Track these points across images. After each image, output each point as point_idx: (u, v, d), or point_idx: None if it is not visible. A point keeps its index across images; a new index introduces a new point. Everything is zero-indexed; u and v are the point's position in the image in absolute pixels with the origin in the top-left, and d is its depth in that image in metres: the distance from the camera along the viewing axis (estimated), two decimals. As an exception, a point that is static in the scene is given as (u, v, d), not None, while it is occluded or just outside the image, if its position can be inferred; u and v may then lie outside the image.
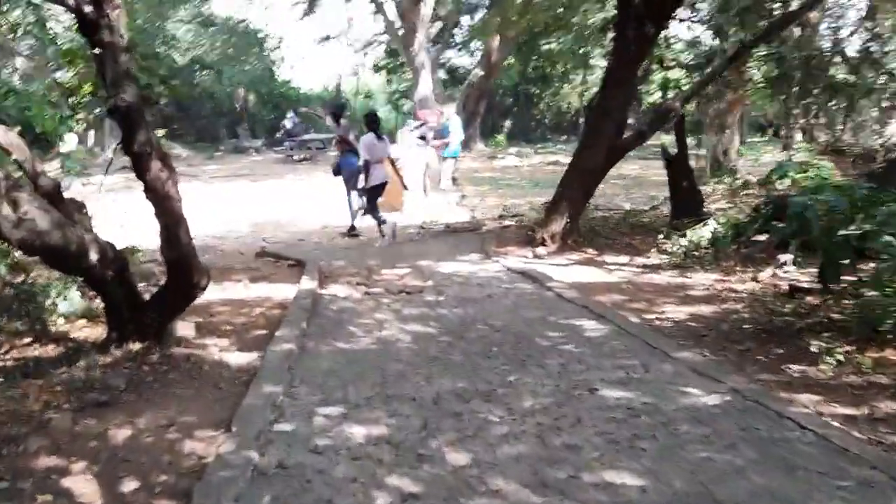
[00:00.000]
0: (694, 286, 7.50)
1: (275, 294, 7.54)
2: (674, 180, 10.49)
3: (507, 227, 11.90)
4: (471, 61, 32.29)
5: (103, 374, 4.86)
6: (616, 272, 8.34)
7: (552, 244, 9.54)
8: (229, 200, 16.97)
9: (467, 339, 5.66)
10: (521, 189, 18.20)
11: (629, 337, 5.55)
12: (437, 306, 6.87)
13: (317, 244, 11.92)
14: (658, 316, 6.42)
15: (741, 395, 4.19)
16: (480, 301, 7.02)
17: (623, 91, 9.32)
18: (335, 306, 6.89)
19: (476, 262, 9.26)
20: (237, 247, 12.15)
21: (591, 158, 9.43)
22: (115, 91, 4.46)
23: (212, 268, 9.48)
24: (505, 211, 13.50)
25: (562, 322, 6.07)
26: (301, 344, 5.52)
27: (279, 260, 9.66)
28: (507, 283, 7.79)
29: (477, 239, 10.99)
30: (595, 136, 9.45)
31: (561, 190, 9.76)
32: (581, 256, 9.25)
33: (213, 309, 7.00)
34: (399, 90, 32.70)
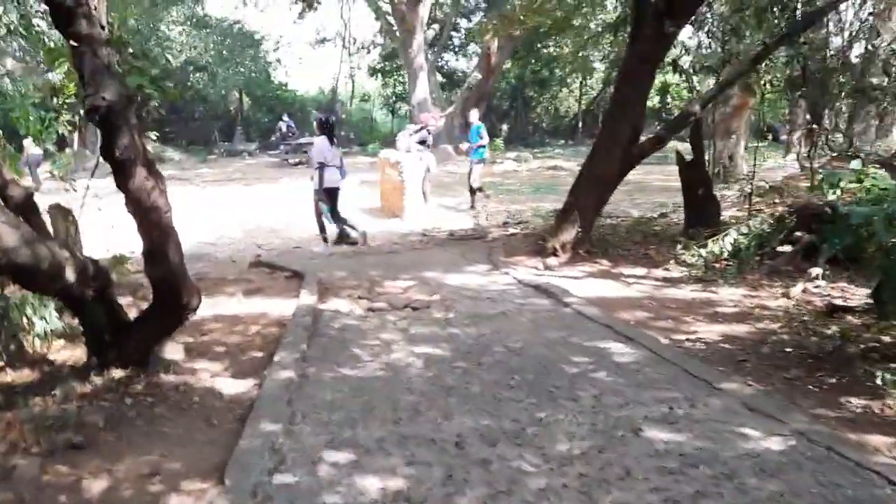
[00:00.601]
0: (721, 302, 6.96)
1: (271, 310, 6.97)
2: (689, 187, 9.97)
3: (513, 235, 11.35)
4: (468, 65, 31.81)
5: (80, 407, 4.29)
6: (635, 286, 7.80)
7: (563, 254, 9.00)
8: (222, 205, 16.40)
9: (485, 365, 5.10)
10: (522, 194, 17.66)
11: (664, 363, 5.00)
12: (447, 325, 6.31)
13: (314, 253, 11.36)
14: (688, 336, 5.88)
15: (807, 439, 3.64)
16: (494, 319, 6.46)
17: (639, 93, 8.79)
18: (337, 324, 6.32)
19: (484, 273, 8.70)
20: (230, 254, 11.59)
21: (605, 164, 8.89)
22: (94, 89, 3.89)
23: (204, 279, 8.98)
24: (509, 218, 12.97)
25: (587, 344, 5.52)
26: (301, 370, 4.95)
27: (275, 271, 9.08)
28: (521, 298, 7.23)
29: (483, 248, 10.44)
30: (609, 140, 8.91)
31: (572, 197, 9.22)
32: (595, 268, 8.71)
33: (204, 326, 6.43)
34: (396, 94, 32.14)
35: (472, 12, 30.73)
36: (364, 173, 21.66)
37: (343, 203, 12.49)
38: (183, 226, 11.02)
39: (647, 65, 8.66)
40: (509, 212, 13.77)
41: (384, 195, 15.11)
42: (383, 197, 15.16)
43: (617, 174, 9.04)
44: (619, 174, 9.09)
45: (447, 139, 24.57)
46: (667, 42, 8.68)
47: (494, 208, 14.82)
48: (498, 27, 20.67)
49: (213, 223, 14.18)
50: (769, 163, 21.77)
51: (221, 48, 26.62)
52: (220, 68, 26.71)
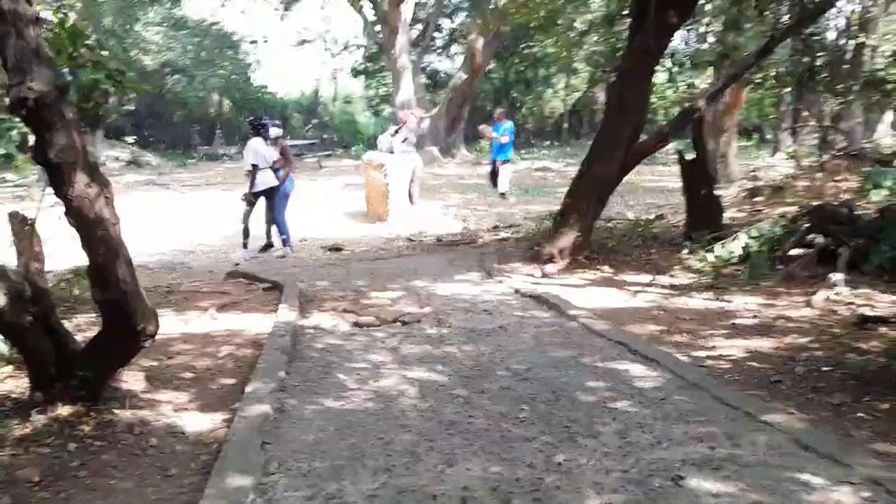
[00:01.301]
0: (738, 312, 6.34)
1: (247, 327, 6.28)
2: (691, 187, 9.37)
3: (504, 241, 10.71)
4: (452, 66, 31.20)
5: (14, 456, 3.60)
6: (641, 295, 7.17)
7: (561, 261, 8.37)
8: (201, 211, 15.66)
9: (488, 393, 4.44)
10: (511, 196, 17.03)
11: (692, 388, 4.36)
12: (441, 342, 5.65)
13: (297, 259, 10.67)
14: (709, 354, 5.25)
15: (885, 491, 3.01)
16: (493, 335, 5.81)
17: (641, 88, 8.17)
18: (320, 344, 5.64)
19: (478, 282, 8.05)
20: (207, 263, 10.88)
21: (604, 164, 8.27)
22: (20, 78, 3.20)
23: (175, 291, 8.27)
24: (499, 222, 12.33)
25: (600, 366, 4.88)
26: (278, 403, 4.26)
27: (253, 282, 8.38)
28: (520, 310, 6.58)
29: (474, 254, 9.78)
30: (609, 139, 8.29)
31: (570, 200, 8.59)
32: (596, 275, 8.07)
33: (171, 348, 5.73)
34: (379, 95, 31.43)
35: (455, 12, 30.08)
36: (347, 176, 20.99)
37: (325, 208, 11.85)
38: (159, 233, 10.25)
39: (648, 58, 8.05)
40: (499, 215, 13.12)
41: (369, 199, 14.43)
42: (368, 200, 14.48)
43: (617, 175, 8.42)
44: (620, 175, 8.47)
45: (432, 141, 23.92)
46: (670, 34, 8.08)
47: (484, 211, 14.20)
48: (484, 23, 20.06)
49: (191, 230, 13.47)
50: (757, 162, 21.35)
51: (200, 50, 25.77)
52: (199, 70, 25.88)
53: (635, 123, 8.17)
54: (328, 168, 23.74)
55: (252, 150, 10.21)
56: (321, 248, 11.53)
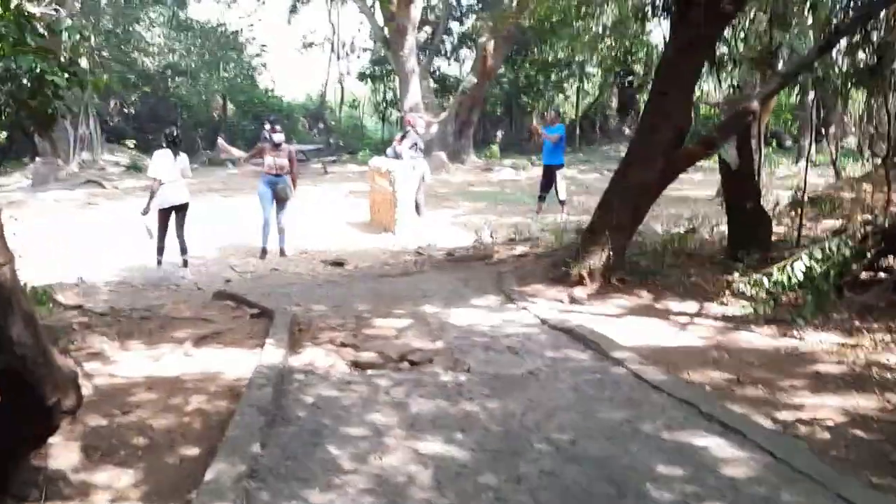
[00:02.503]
0: (816, 355, 5.18)
1: (226, 368, 5.14)
2: (734, 200, 8.22)
3: (523, 256, 9.54)
4: (461, 70, 30.06)
5: None
6: (690, 327, 6.02)
7: (592, 284, 7.23)
8: (197, 219, 14.43)
9: (526, 481, 3.29)
10: (524, 205, 15.87)
11: (800, 479, 3.21)
12: (459, 394, 4.50)
13: (295, 275, 9.56)
14: (798, 416, 4.10)
15: None
16: (522, 384, 4.66)
17: (684, 87, 7.01)
18: (310, 397, 4.48)
19: (496, 308, 6.91)
20: (198, 278, 9.78)
21: (642, 172, 7.11)
22: None
23: (153, 317, 7.13)
24: (515, 233, 11.17)
25: (667, 438, 3.72)
26: (244, 499, 3.12)
27: (241, 305, 7.24)
28: (551, 349, 5.42)
29: (489, 272, 8.64)
30: (648, 145, 7.14)
31: (601, 213, 7.44)
32: (633, 301, 6.92)
33: (130, 397, 4.60)
34: (387, 100, 30.29)
35: (465, 15, 28.93)
36: (353, 183, 19.87)
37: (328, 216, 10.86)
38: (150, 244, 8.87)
39: (694, 53, 6.89)
40: (514, 226, 11.97)
41: (374, 207, 13.32)
42: (373, 209, 13.36)
43: (657, 185, 7.25)
44: (660, 185, 7.30)
45: (440, 146, 22.78)
46: (721, 24, 6.94)
47: (497, 221, 13.04)
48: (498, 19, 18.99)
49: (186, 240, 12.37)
50: (781, 170, 20.15)
51: (203, 52, 24.69)
52: (202, 72, 24.78)
53: (679, 126, 7.01)
54: (333, 174, 22.61)
55: (157, 164, 9.40)
56: (322, 261, 10.43)
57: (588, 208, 14.77)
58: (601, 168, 22.31)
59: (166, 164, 9.30)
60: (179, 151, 9.47)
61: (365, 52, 31.14)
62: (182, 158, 9.50)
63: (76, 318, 6.87)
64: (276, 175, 10.69)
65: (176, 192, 9.40)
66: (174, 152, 9.39)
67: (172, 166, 9.33)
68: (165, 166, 9.29)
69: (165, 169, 9.29)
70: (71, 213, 16.29)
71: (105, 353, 5.61)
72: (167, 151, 9.35)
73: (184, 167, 9.54)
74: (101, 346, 5.78)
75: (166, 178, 9.27)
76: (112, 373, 5.14)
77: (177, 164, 9.36)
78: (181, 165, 9.46)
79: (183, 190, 9.50)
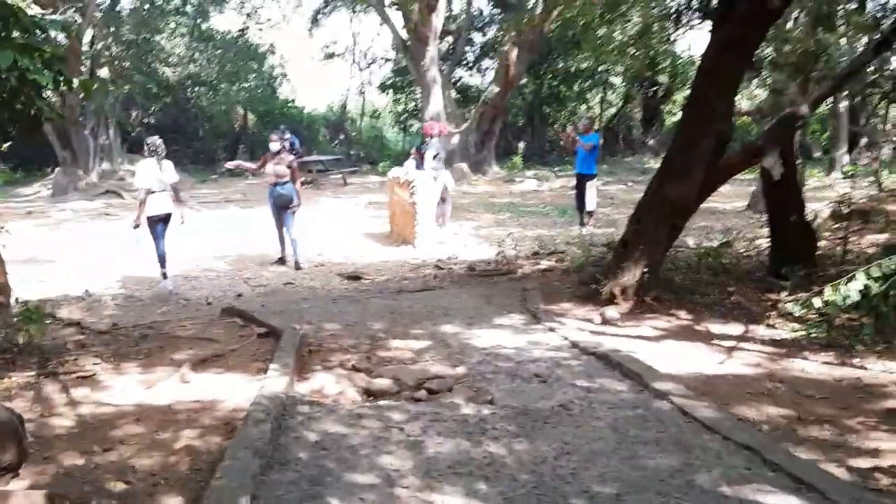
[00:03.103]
0: (884, 388, 4.56)
1: (225, 396, 4.63)
2: (776, 213, 7.59)
3: (548, 271, 8.98)
4: (483, 81, 29.57)
5: None
6: (737, 353, 5.41)
7: (625, 303, 6.65)
8: (213, 230, 14.07)
9: (564, 551, 2.73)
10: (548, 217, 15.32)
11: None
12: (482, 432, 3.94)
13: (310, 290, 9.04)
14: (877, 464, 3.49)
15: None
16: (553, 421, 4.08)
17: (727, 91, 6.43)
18: (314, 433, 3.94)
19: (522, 328, 6.34)
20: (210, 291, 9.29)
21: (680, 184, 6.52)
22: None
23: (155, 335, 6.64)
24: (540, 247, 10.59)
25: (729, 494, 3.12)
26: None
27: (249, 323, 6.73)
28: (584, 377, 4.84)
29: (514, 289, 8.08)
30: (686, 153, 6.55)
31: (634, 227, 6.85)
32: (671, 323, 6.31)
33: (115, 430, 4.10)
34: (408, 110, 29.85)
35: (487, 25, 28.47)
36: (373, 194, 19.40)
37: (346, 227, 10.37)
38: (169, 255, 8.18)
39: (738, 53, 6.30)
40: (539, 239, 11.39)
41: (394, 219, 12.79)
42: (392, 221, 12.83)
43: (696, 198, 6.66)
44: (699, 197, 6.71)
45: (462, 157, 22.26)
46: (767, 23, 6.34)
47: (520, 233, 12.46)
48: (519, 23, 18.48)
49: (200, 252, 11.95)
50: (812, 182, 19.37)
51: (224, 62, 24.38)
52: (224, 83, 24.47)
53: (720, 133, 6.41)
54: (353, 185, 22.17)
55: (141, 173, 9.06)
56: (338, 275, 9.90)
57: (614, 220, 14.19)
58: (625, 179, 21.69)
59: (152, 174, 8.95)
60: (162, 160, 9.10)
61: (386, 63, 30.81)
62: (166, 166, 9.13)
63: (73, 335, 6.42)
64: (274, 184, 10.36)
65: (164, 202, 9.05)
66: (157, 161, 9.03)
67: (159, 176, 8.98)
68: (152, 176, 8.95)
69: (152, 179, 8.94)
70: (87, 224, 15.95)
71: (97, 377, 5.13)
72: (151, 161, 8.99)
73: (169, 175, 9.16)
74: (93, 368, 5.30)
75: (155, 187, 8.91)
76: (100, 400, 4.65)
77: (162, 174, 9.03)
78: (166, 174, 9.11)
79: (168, 200, 9.13)
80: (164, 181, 9.00)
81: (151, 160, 8.97)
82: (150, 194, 8.83)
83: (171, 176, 9.08)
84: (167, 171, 9.05)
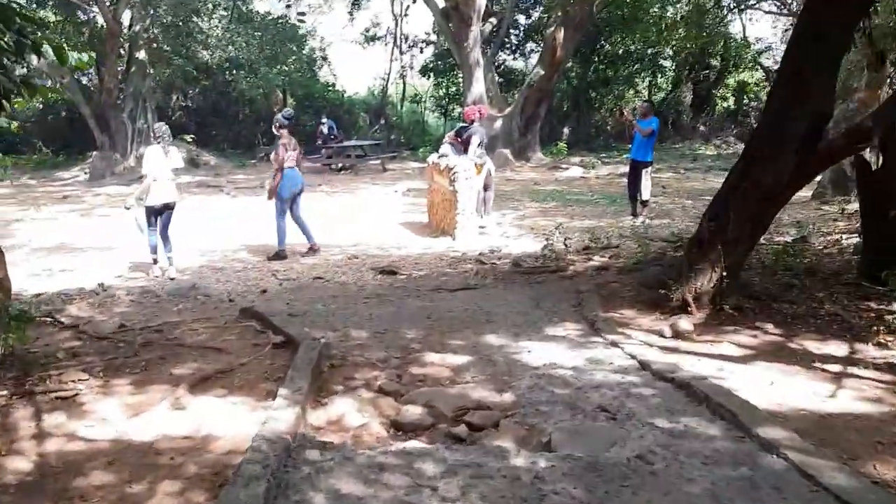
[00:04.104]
0: None
1: (222, 428, 3.76)
2: (874, 206, 6.46)
3: (603, 269, 7.94)
4: (526, 64, 28.36)
5: None
6: (849, 382, 4.33)
7: (699, 311, 5.61)
8: (247, 217, 13.31)
9: None
10: (596, 206, 14.21)
11: None
12: (539, 497, 2.98)
13: (340, 286, 8.15)
14: None
15: None
16: (631, 480, 3.09)
17: (827, 62, 5.31)
18: (321, 495, 3.01)
19: (578, 340, 5.35)
20: (235, 285, 8.49)
21: (768, 173, 5.44)
22: None
23: (155, 343, 5.72)
24: (592, 241, 9.54)
25: None
26: None
27: (266, 329, 5.86)
28: (664, 415, 3.83)
29: (565, 289, 7.08)
30: (776, 139, 5.46)
31: (710, 223, 5.79)
32: (757, 339, 5.25)
33: (81, 477, 3.27)
34: (449, 94, 28.80)
35: (532, 7, 27.22)
36: (412, 181, 18.48)
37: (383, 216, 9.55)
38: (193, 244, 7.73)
39: (840, 20, 5.18)
40: (589, 231, 10.34)
41: (432, 208, 11.85)
42: (431, 210, 11.89)
43: (786, 187, 5.56)
44: (791, 187, 5.62)
45: (505, 142, 21.18)
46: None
47: (567, 224, 11.41)
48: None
49: (232, 240, 11.25)
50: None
51: (263, 44, 23.58)
52: (263, 66, 23.70)
53: (817, 115, 5.30)
54: (392, 171, 21.27)
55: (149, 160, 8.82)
56: (372, 269, 9.01)
57: (668, 211, 13.05)
58: (677, 167, 20.41)
59: (159, 162, 8.72)
60: (169, 146, 8.91)
61: (428, 46, 29.77)
62: (173, 154, 8.96)
63: (68, 341, 5.61)
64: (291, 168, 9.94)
65: (167, 190, 8.81)
66: (164, 148, 8.81)
67: (165, 163, 8.76)
68: (159, 163, 8.71)
69: (159, 166, 8.70)
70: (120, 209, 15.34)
71: (78, 398, 4.28)
72: (157, 147, 8.82)
73: (175, 161, 8.98)
74: (76, 386, 4.45)
75: (160, 175, 8.68)
76: (74, 432, 3.80)
77: (169, 161, 8.81)
78: (172, 160, 8.91)
79: (174, 189, 8.98)
80: (169, 168, 8.75)
81: (158, 147, 8.73)
82: (155, 181, 8.60)
83: (176, 162, 8.89)
84: (173, 157, 8.83)
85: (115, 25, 19.60)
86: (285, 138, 9.80)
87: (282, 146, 9.71)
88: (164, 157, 8.75)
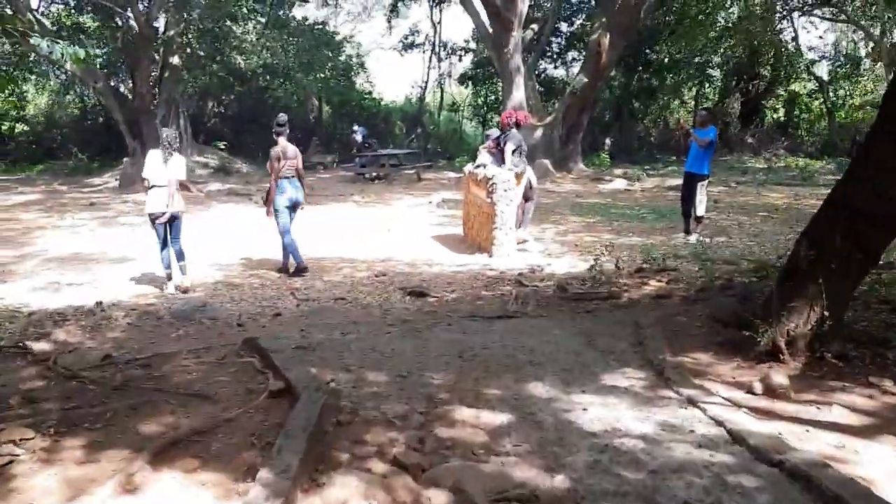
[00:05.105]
0: None
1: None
2: None
3: (664, 297, 6.80)
4: (568, 73, 27.25)
5: None
6: None
7: (793, 360, 4.49)
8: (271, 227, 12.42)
9: None
10: (644, 222, 13.02)
11: None
12: None
13: (363, 310, 7.14)
14: None
15: None
16: None
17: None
18: None
19: (644, 396, 4.24)
20: (249, 305, 7.57)
21: (880, 192, 4.30)
22: None
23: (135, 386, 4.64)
24: (647, 262, 8.39)
25: None
26: None
27: (265, 368, 4.86)
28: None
29: (621, 322, 5.97)
30: (889, 146, 4.32)
31: (809, 250, 4.64)
32: (874, 399, 4.08)
33: None
34: (487, 103, 27.78)
35: (575, 14, 26.11)
36: (447, 191, 17.49)
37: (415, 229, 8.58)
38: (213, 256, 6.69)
39: None
40: (639, 249, 9.19)
41: (468, 221, 10.82)
42: (466, 224, 10.86)
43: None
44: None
45: (545, 152, 20.06)
46: None
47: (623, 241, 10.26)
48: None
49: (253, 251, 10.43)
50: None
51: (299, 51, 22.85)
52: (299, 73, 22.97)
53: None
54: (427, 181, 20.29)
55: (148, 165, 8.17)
56: (399, 289, 8.01)
57: (723, 227, 11.82)
58: (727, 180, 19.07)
59: (154, 167, 8.02)
60: (172, 153, 8.09)
61: (466, 54, 28.81)
62: (174, 162, 8.10)
63: (30, 381, 4.67)
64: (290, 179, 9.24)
65: (161, 199, 8.03)
66: (165, 155, 8.03)
67: (161, 170, 8.01)
68: (153, 169, 8.02)
69: (153, 172, 8.02)
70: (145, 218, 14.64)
71: (11, 468, 3.31)
72: (157, 153, 8.10)
73: (174, 171, 8.10)
74: (15, 451, 3.49)
75: (154, 182, 8.00)
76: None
77: (167, 169, 8.01)
78: (171, 170, 8.05)
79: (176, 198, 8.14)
80: (165, 177, 7.98)
81: (157, 152, 8.06)
82: (150, 188, 7.99)
83: (177, 172, 8.06)
84: (172, 166, 8.02)
85: (148, 29, 19.00)
86: (280, 146, 8.90)
87: (273, 156, 8.85)
88: (161, 164, 8.00)
